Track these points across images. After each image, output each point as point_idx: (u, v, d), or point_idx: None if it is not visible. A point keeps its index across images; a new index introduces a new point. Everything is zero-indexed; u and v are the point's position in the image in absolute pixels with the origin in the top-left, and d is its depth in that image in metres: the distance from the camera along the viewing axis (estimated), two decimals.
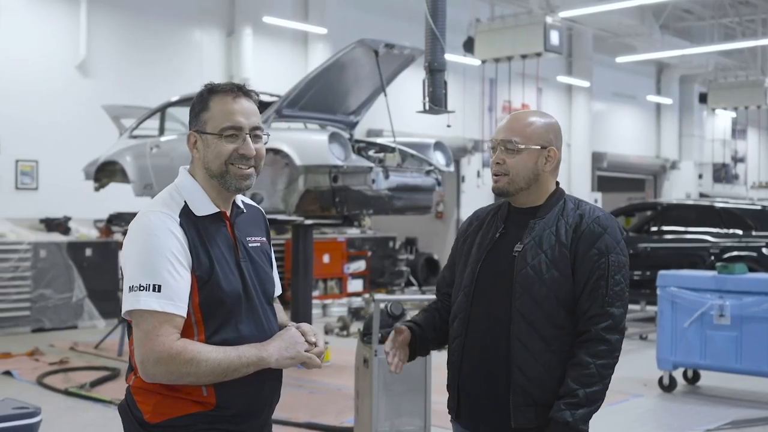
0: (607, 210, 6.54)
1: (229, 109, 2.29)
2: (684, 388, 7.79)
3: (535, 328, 2.49)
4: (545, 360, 2.48)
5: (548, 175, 2.62)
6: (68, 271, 11.02)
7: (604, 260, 2.49)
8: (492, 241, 2.63)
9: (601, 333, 2.46)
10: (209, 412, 2.23)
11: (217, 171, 2.30)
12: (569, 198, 2.65)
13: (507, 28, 13.93)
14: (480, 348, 2.58)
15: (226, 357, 2.17)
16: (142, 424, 2.25)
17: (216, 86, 2.34)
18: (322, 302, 13.00)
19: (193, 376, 2.16)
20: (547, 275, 2.50)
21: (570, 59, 21.23)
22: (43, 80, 11.84)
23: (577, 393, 2.42)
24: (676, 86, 25.35)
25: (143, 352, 2.16)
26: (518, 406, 2.49)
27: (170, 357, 2.14)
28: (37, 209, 11.63)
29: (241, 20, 14.08)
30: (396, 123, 8.09)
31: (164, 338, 2.14)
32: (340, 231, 14.04)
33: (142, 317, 2.16)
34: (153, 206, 2.29)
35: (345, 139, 7.55)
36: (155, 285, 2.15)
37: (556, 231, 2.54)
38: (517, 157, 2.57)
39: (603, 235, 2.52)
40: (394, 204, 7.82)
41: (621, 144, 23.64)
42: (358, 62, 7.93)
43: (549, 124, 2.63)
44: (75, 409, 6.79)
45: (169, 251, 2.18)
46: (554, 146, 2.61)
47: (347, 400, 6.48)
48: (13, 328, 10.49)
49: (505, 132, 2.60)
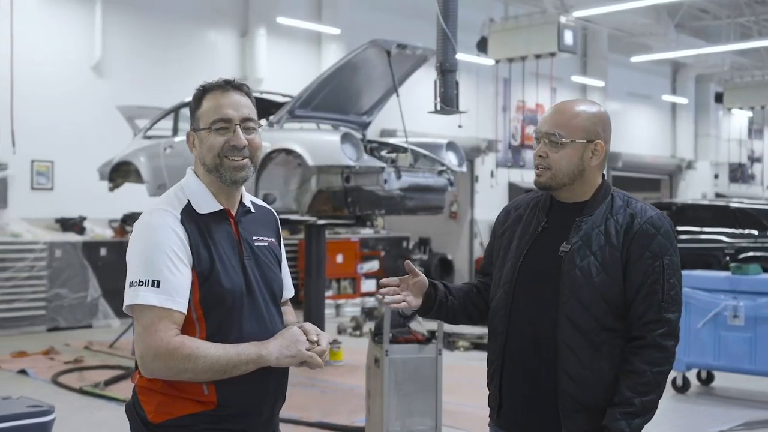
0: None
1: (219, 103, 2.33)
2: (697, 389, 7.76)
3: (583, 333, 2.38)
4: (594, 365, 2.38)
5: (594, 170, 2.48)
6: (83, 270, 11.09)
7: (659, 263, 2.38)
8: (534, 235, 2.51)
9: (658, 339, 2.37)
10: (211, 411, 2.24)
11: (212, 164, 2.32)
12: (617, 193, 2.51)
13: (521, 27, 13.90)
14: (523, 350, 2.48)
15: (225, 354, 2.18)
16: (145, 423, 2.26)
17: (208, 85, 2.38)
18: (335, 302, 13.02)
19: (191, 372, 2.16)
20: (597, 278, 2.38)
21: (584, 59, 21.16)
22: (59, 81, 11.93)
23: (634, 402, 2.34)
24: (692, 86, 25.21)
25: (142, 347, 2.18)
26: (567, 412, 2.40)
27: (168, 352, 2.15)
28: (53, 209, 11.71)
29: (255, 21, 14.12)
30: (409, 123, 8.10)
31: (162, 333, 2.16)
32: (353, 231, 14.05)
33: (141, 312, 2.18)
34: (156, 205, 2.32)
35: (357, 140, 7.56)
36: (154, 280, 2.17)
37: (606, 231, 2.41)
38: (561, 152, 2.44)
39: (656, 236, 2.40)
40: (406, 204, 7.83)
41: (636, 144, 23.52)
42: (371, 63, 7.94)
43: (597, 116, 2.48)
44: (89, 407, 6.84)
45: (169, 248, 2.20)
46: (601, 139, 2.47)
47: (359, 399, 6.49)
48: (29, 327, 10.57)
49: (549, 124, 2.47)
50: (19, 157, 10.55)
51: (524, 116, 19.24)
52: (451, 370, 5.95)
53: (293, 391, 7.13)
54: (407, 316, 5.49)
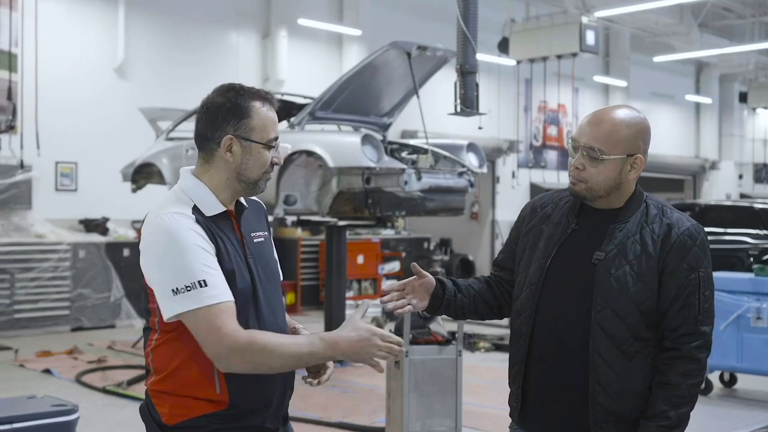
0: None
1: (272, 120, 2.34)
2: (720, 391, 7.70)
3: (616, 342, 2.34)
4: (627, 375, 2.35)
5: (631, 182, 2.43)
6: (106, 271, 11.19)
7: (695, 276, 2.35)
8: (563, 237, 2.46)
9: (693, 352, 2.34)
10: (225, 411, 2.25)
11: (255, 178, 2.33)
12: (651, 201, 2.45)
13: (542, 28, 13.87)
14: (549, 354, 2.44)
15: (299, 350, 2.18)
16: (160, 425, 2.28)
17: (250, 91, 2.34)
18: (356, 303, 13.04)
19: (267, 367, 2.19)
20: (633, 288, 2.34)
21: (607, 59, 21.06)
22: (82, 84, 12.04)
23: (669, 415, 2.32)
24: (716, 85, 25.01)
25: (213, 347, 2.15)
26: (598, 422, 2.36)
27: (241, 347, 2.15)
28: (77, 210, 11.82)
29: (276, 22, 14.18)
30: (430, 124, 8.11)
31: (228, 329, 2.15)
32: (374, 232, 14.07)
33: (198, 316, 2.15)
34: (164, 209, 2.26)
35: (378, 141, 7.58)
36: (200, 281, 2.15)
37: (641, 240, 2.37)
38: (600, 167, 2.36)
39: (693, 248, 2.36)
40: (427, 205, 7.84)
41: (659, 144, 23.30)
42: (391, 64, 7.96)
43: (638, 128, 2.39)
44: (112, 406, 6.90)
45: (197, 246, 2.19)
46: (641, 152, 2.39)
47: (380, 400, 6.51)
48: (53, 327, 10.67)
49: (588, 137, 2.37)
50: (43, 159, 10.66)
51: (546, 116, 19.18)
52: (472, 371, 5.95)
53: (314, 391, 7.18)
54: (427, 317, 5.50)
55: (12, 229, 10.75)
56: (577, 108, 20.23)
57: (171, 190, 2.36)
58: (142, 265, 2.26)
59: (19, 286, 10.42)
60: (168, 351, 2.27)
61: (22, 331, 10.32)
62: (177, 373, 2.25)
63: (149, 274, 2.24)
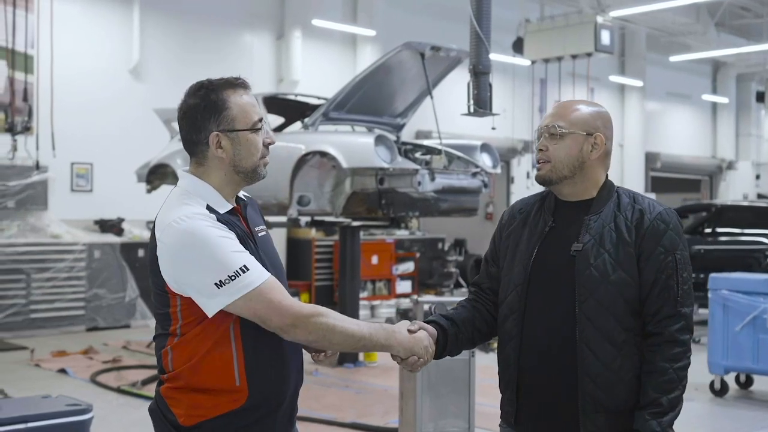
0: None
1: (250, 103, 2.33)
2: (736, 393, 7.65)
3: (603, 333, 2.38)
4: (615, 366, 2.38)
5: (596, 165, 2.49)
6: (121, 271, 11.24)
7: (671, 258, 2.40)
8: (542, 235, 2.51)
9: (676, 335, 2.38)
10: (242, 408, 2.24)
11: (252, 166, 2.33)
12: (622, 191, 2.53)
13: (557, 28, 13.81)
14: (540, 352, 2.46)
15: (360, 331, 2.29)
16: (177, 427, 2.26)
17: (219, 83, 2.32)
18: (370, 303, 13.05)
19: (327, 341, 2.26)
20: (613, 276, 2.38)
21: (623, 58, 20.96)
22: (98, 85, 12.10)
23: (661, 402, 2.35)
24: (733, 85, 24.85)
25: (279, 320, 2.20)
26: (587, 413, 2.39)
27: (305, 316, 2.22)
28: (92, 211, 11.88)
29: (290, 23, 14.20)
30: (445, 124, 8.10)
31: (287, 302, 2.22)
32: (388, 232, 14.06)
33: (252, 299, 2.18)
34: (180, 212, 2.22)
35: (391, 142, 7.58)
36: (241, 268, 2.17)
37: (616, 228, 2.43)
38: (560, 143, 2.47)
39: (667, 231, 2.42)
40: (440, 206, 7.83)
41: (675, 144, 23.25)
42: (405, 65, 7.96)
43: (597, 111, 2.53)
44: (126, 406, 6.93)
45: (224, 238, 2.19)
46: (601, 133, 2.49)
47: (393, 400, 6.50)
48: (69, 327, 10.73)
49: (550, 118, 2.51)
50: (59, 159, 10.71)
51: None
52: (485, 372, 5.93)
53: (328, 392, 7.20)
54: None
55: (28, 230, 10.82)
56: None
57: (174, 192, 2.33)
58: (168, 272, 2.21)
59: (35, 286, 10.49)
60: (190, 347, 2.25)
61: (38, 331, 10.39)
62: (197, 367, 2.24)
63: (182, 278, 2.20)
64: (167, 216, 2.24)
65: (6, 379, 7.64)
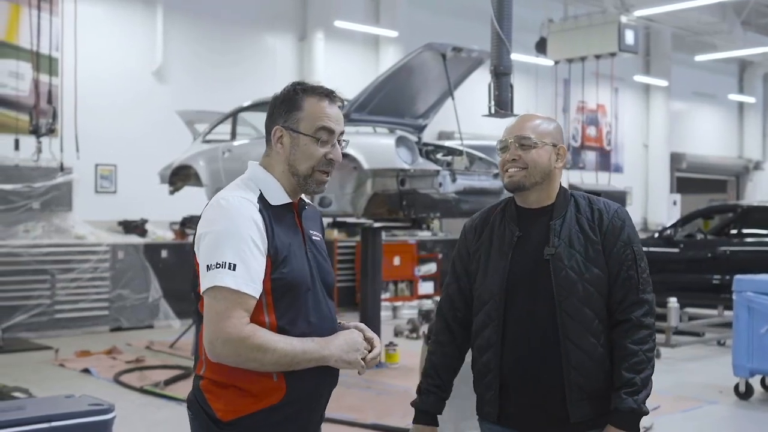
0: (684, 212, 5.97)
1: (325, 113, 2.35)
2: (762, 396, 7.55)
3: (584, 326, 2.56)
4: (596, 355, 2.57)
5: (557, 173, 2.68)
6: (145, 272, 11.31)
7: (630, 251, 2.61)
8: (511, 245, 2.65)
9: (641, 320, 2.58)
10: (279, 404, 2.27)
11: (304, 172, 2.35)
12: (576, 194, 2.72)
13: (580, 28, 13.72)
14: (523, 355, 2.59)
15: (293, 350, 2.22)
16: (215, 421, 2.29)
17: (308, 87, 2.37)
18: (392, 304, 13.03)
19: (258, 363, 2.21)
20: (587, 274, 2.57)
21: (647, 58, 20.81)
22: (122, 87, 12.20)
23: (635, 381, 2.53)
24: (760, 84, 24.60)
25: (213, 330, 2.20)
26: (574, 401, 2.56)
27: (240, 339, 2.18)
28: (116, 212, 11.98)
29: (313, 25, 14.23)
30: (467, 125, 8.07)
31: (235, 320, 2.18)
32: (410, 233, 14.04)
33: (216, 296, 2.19)
34: (231, 191, 2.31)
35: (412, 143, 7.56)
36: (231, 264, 2.18)
37: (581, 229, 2.62)
38: (534, 152, 2.63)
39: (624, 227, 2.63)
40: (461, 207, 7.80)
41: (701, 144, 23.05)
42: (426, 66, 7.94)
43: (557, 126, 2.74)
44: (149, 406, 6.96)
45: (246, 233, 2.22)
46: (562, 145, 2.70)
47: None
48: (92, 327, 10.82)
49: (519, 130, 2.67)
50: (83, 161, 10.80)
51: (585, 117, 18.99)
52: None
53: (349, 393, 7.19)
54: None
55: (53, 231, 10.92)
56: (617, 108, 20.01)
57: (237, 179, 2.39)
58: (198, 243, 2.28)
59: (59, 286, 10.59)
60: None
61: (62, 331, 10.48)
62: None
63: (199, 249, 2.27)
64: (220, 193, 2.33)
65: (30, 379, 7.70)
